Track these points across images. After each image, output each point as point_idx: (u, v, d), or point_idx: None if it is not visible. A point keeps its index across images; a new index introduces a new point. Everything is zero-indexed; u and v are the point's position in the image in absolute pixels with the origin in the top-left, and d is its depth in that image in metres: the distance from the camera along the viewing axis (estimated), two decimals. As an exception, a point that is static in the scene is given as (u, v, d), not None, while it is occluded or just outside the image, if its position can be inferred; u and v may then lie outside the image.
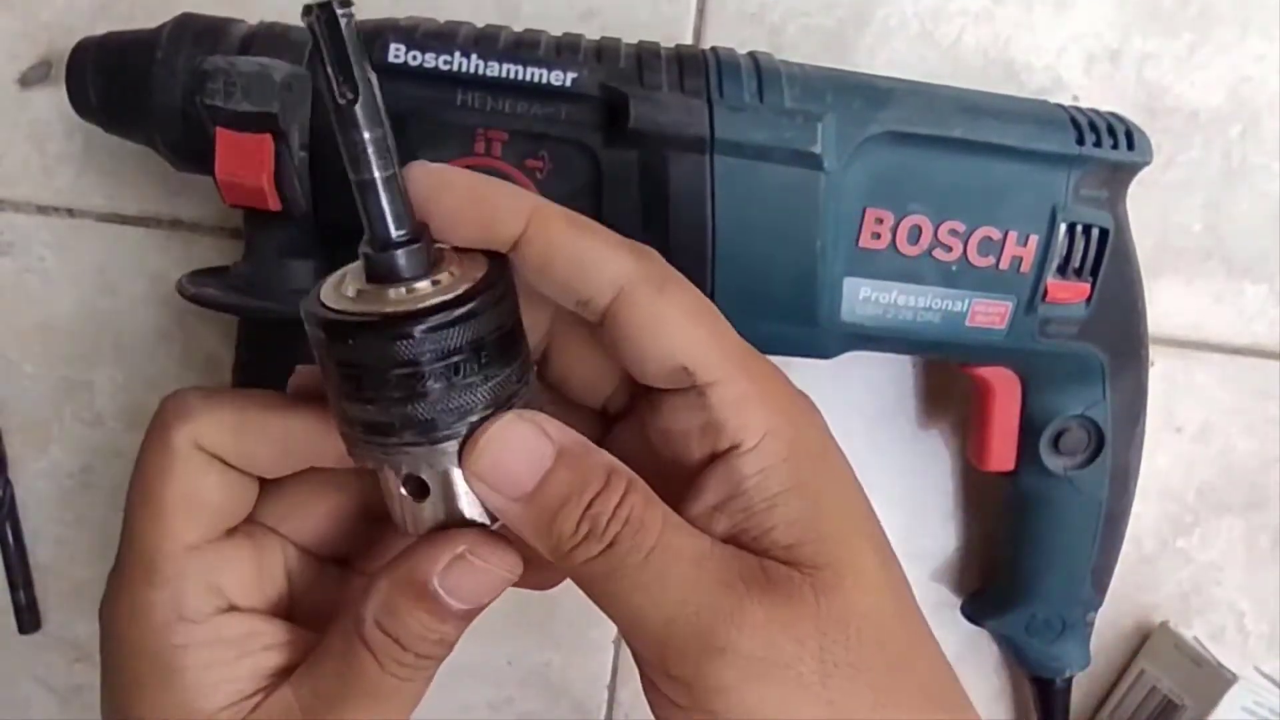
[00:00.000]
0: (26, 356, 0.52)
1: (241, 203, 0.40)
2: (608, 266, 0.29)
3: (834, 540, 0.30)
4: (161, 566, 0.30)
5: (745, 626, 0.28)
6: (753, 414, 0.30)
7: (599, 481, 0.28)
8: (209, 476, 0.31)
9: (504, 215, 0.29)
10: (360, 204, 0.27)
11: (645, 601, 0.28)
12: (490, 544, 0.30)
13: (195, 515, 0.31)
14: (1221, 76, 0.53)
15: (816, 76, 0.43)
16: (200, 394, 0.32)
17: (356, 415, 0.28)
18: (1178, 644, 0.57)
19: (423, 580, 0.30)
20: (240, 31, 0.41)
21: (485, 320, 0.28)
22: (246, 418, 0.31)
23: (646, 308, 0.30)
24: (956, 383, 0.54)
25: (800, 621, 0.28)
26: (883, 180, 0.43)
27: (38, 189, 0.50)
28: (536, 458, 0.29)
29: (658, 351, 0.30)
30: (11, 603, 0.54)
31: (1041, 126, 0.44)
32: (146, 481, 0.31)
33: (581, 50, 0.41)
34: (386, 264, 0.27)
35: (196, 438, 0.31)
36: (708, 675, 0.27)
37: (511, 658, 0.58)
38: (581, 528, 0.28)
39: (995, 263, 0.44)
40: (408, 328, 0.27)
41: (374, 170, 0.27)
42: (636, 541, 0.28)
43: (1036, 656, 0.55)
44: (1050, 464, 0.50)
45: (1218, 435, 0.57)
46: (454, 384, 0.27)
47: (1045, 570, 0.52)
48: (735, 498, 0.30)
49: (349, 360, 0.27)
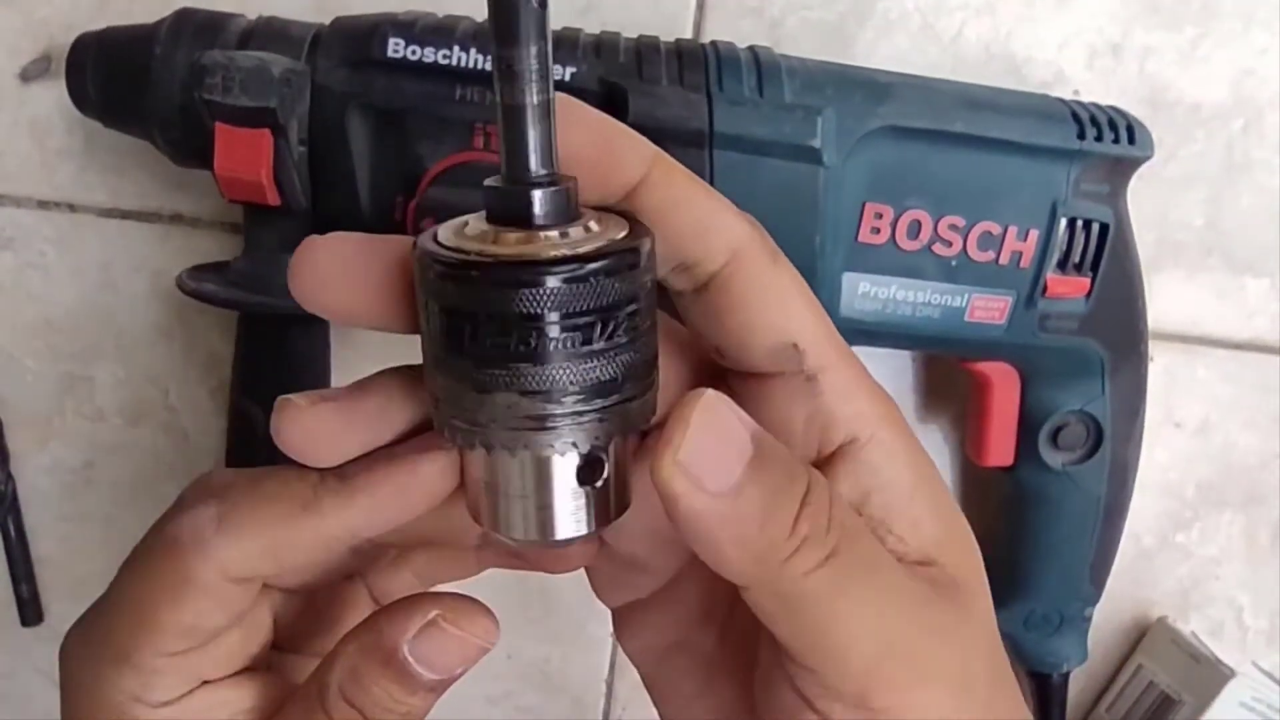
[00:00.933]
0: (28, 351, 0.52)
1: (241, 198, 0.40)
2: (727, 228, 0.26)
3: (962, 530, 0.28)
4: (137, 661, 0.27)
5: (948, 648, 0.25)
6: (864, 402, 0.27)
7: (803, 475, 0.25)
8: (224, 610, 0.28)
9: (629, 158, 0.26)
10: (501, 133, 0.23)
11: (861, 625, 0.24)
12: (466, 609, 0.27)
13: (194, 638, 0.28)
14: (1224, 70, 0.53)
15: (817, 71, 0.43)
16: (223, 513, 0.27)
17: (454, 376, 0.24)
18: (1175, 639, 0.57)
19: (391, 647, 0.27)
20: (239, 26, 0.41)
21: (626, 285, 0.23)
22: (286, 535, 0.27)
23: (762, 277, 0.26)
24: (956, 378, 0.54)
25: (975, 633, 0.26)
26: (882, 175, 0.43)
27: (38, 184, 0.50)
28: (740, 445, 0.24)
29: (769, 325, 0.26)
30: (14, 596, 0.54)
31: (1042, 121, 0.44)
32: (150, 597, 0.27)
33: (580, 44, 0.41)
34: (527, 203, 0.23)
35: (224, 571, 0.27)
36: (919, 704, 0.25)
37: (510, 652, 0.58)
38: (800, 528, 0.24)
39: (995, 258, 0.44)
40: (542, 273, 0.22)
41: (528, 94, 0.22)
42: (858, 553, 0.25)
43: (1034, 651, 0.55)
44: (1049, 459, 0.50)
45: (1218, 431, 0.57)
46: (577, 350, 0.23)
47: (1043, 565, 0.52)
48: (874, 494, 0.26)
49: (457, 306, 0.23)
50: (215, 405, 0.53)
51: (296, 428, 0.26)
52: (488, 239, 0.23)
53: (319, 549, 0.27)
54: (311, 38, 0.41)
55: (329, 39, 0.41)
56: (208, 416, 0.53)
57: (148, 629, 0.27)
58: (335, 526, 0.27)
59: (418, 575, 0.34)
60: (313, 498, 0.27)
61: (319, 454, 0.26)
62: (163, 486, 0.54)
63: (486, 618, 0.28)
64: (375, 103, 0.40)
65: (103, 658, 0.28)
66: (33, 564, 0.55)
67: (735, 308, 0.26)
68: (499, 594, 0.56)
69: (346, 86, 0.40)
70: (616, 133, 0.26)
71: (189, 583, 0.27)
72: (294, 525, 0.27)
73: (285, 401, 0.26)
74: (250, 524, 0.27)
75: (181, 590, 0.27)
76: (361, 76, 0.40)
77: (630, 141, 0.26)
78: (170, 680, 0.28)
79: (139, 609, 0.27)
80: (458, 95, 0.40)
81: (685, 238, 0.26)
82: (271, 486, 0.27)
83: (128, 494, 0.54)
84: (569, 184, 0.24)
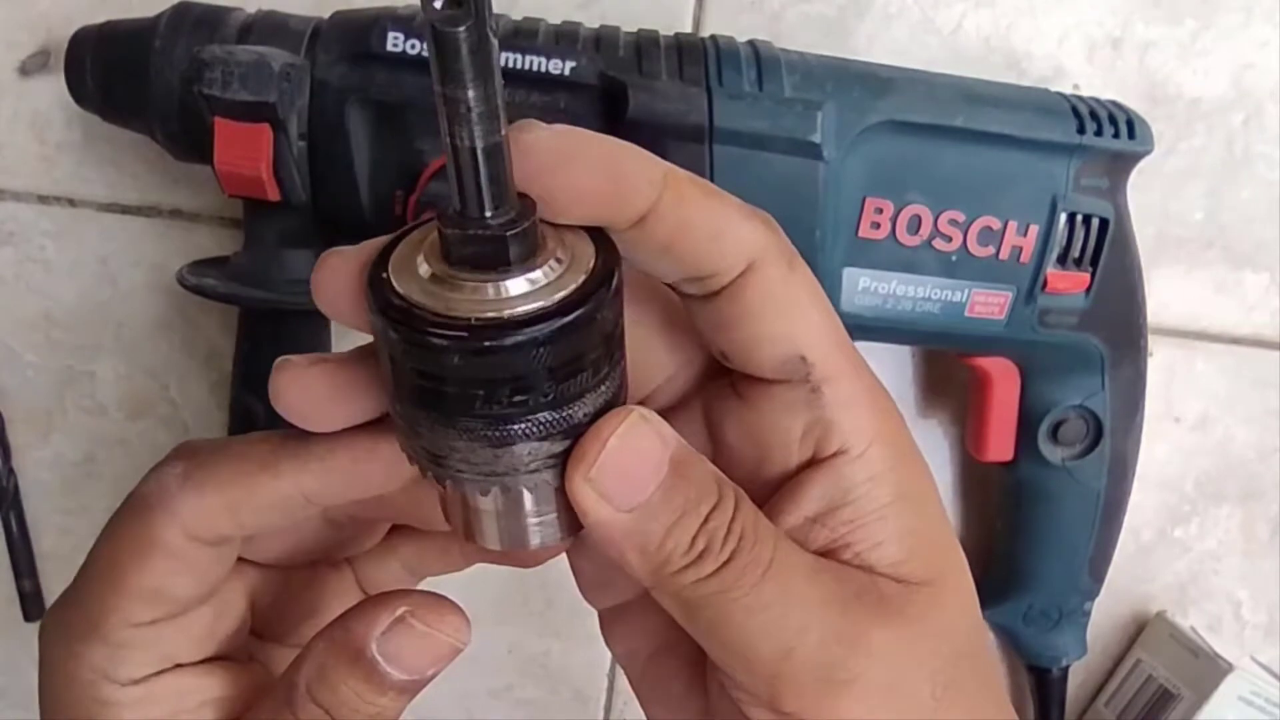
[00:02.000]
0: (28, 346, 0.52)
1: (241, 193, 0.40)
2: (741, 240, 0.25)
3: (938, 552, 0.27)
4: (106, 632, 0.27)
5: (873, 654, 0.25)
6: (863, 416, 0.27)
7: (712, 494, 0.25)
8: (190, 574, 0.27)
9: (638, 186, 0.24)
10: (452, 175, 0.22)
11: (760, 627, 0.25)
12: (436, 607, 0.27)
13: (161, 604, 0.27)
14: (1224, 64, 0.53)
15: (816, 65, 0.43)
16: (188, 471, 0.27)
17: (428, 433, 0.23)
18: (1174, 634, 0.57)
19: (359, 645, 0.26)
20: (238, 20, 0.41)
21: (603, 322, 0.23)
22: (244, 493, 0.27)
23: (775, 288, 0.26)
24: (955, 373, 0.54)
25: (920, 643, 0.26)
26: (882, 169, 0.43)
27: (38, 179, 0.50)
28: (654, 465, 0.25)
29: (778, 335, 0.26)
30: (17, 591, 0.54)
31: (1042, 115, 0.44)
32: (118, 560, 0.27)
33: (580, 39, 0.41)
34: (480, 250, 0.22)
35: (186, 528, 0.26)
36: (829, 709, 0.25)
37: (511, 646, 0.58)
38: (697, 544, 0.25)
39: (995, 253, 0.44)
40: (518, 336, 0.21)
41: (478, 137, 0.21)
42: (754, 557, 0.25)
43: (1033, 645, 0.55)
44: (1049, 454, 0.50)
45: (1217, 425, 0.57)
46: (561, 396, 0.23)
47: (1043, 560, 0.52)
48: (841, 508, 0.26)
49: (434, 373, 0.22)
50: (216, 399, 0.53)
51: (294, 387, 0.25)
52: (439, 283, 0.22)
53: (276, 510, 0.27)
54: (310, 32, 0.41)
55: (328, 33, 0.41)
56: (208, 410, 0.53)
57: (115, 594, 0.27)
58: (289, 486, 0.26)
59: (406, 566, 0.34)
60: (272, 458, 0.26)
61: (314, 416, 0.26)
62: (163, 480, 0.54)
63: (457, 615, 0.27)
64: (375, 97, 0.40)
65: (73, 633, 0.27)
66: (35, 558, 0.55)
67: (745, 318, 0.26)
68: (499, 588, 0.57)
69: (346, 81, 0.40)
70: (624, 161, 0.24)
71: (154, 543, 0.26)
72: (252, 483, 0.26)
73: (284, 361, 0.26)
74: (211, 481, 0.26)
75: (147, 551, 0.26)
76: (361, 71, 0.40)
77: (638, 166, 0.25)
78: (139, 655, 0.27)
79: (107, 573, 0.27)
80: (457, 90, 0.40)
81: (698, 254, 0.25)
82: (237, 447, 0.27)
83: (128, 487, 0.54)
84: (526, 224, 0.22)
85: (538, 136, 0.23)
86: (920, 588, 0.26)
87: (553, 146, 0.23)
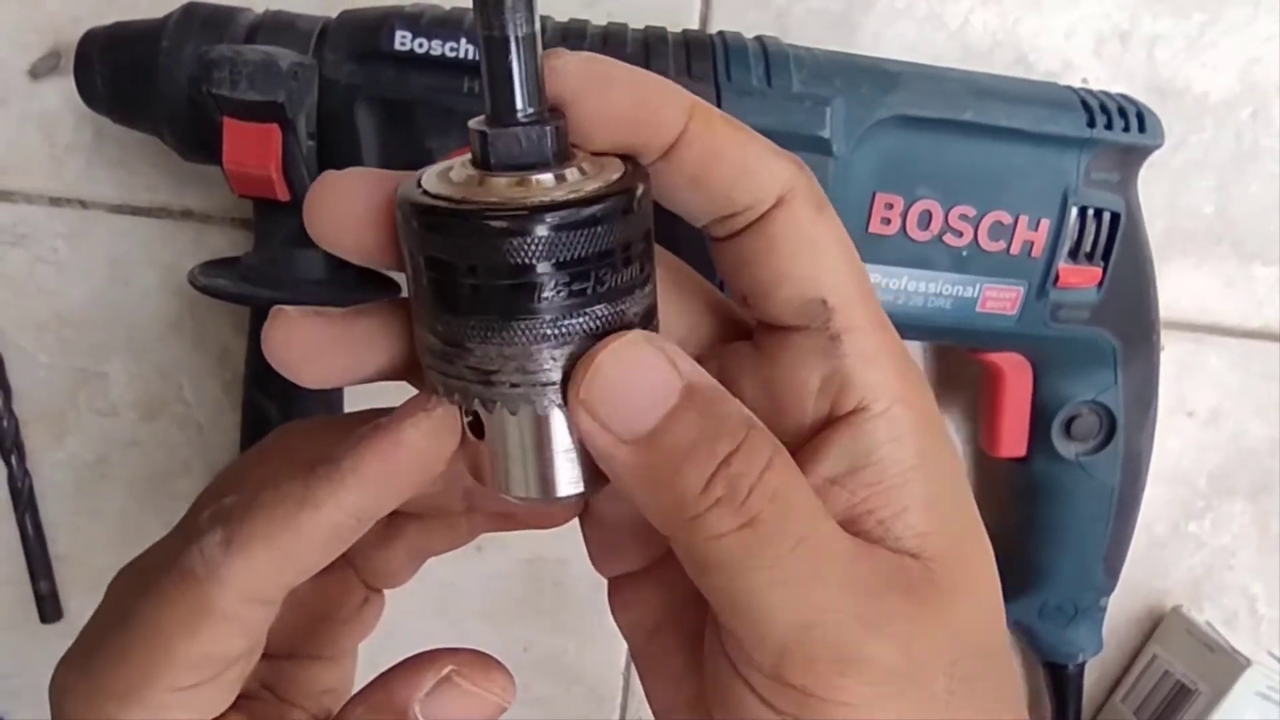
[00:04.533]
0: (41, 347, 0.52)
1: (251, 193, 0.40)
2: (772, 174, 0.25)
3: (963, 528, 0.26)
4: (146, 696, 0.26)
5: (891, 638, 0.24)
6: (886, 373, 0.25)
7: (736, 434, 0.23)
8: (244, 635, 0.26)
9: (667, 113, 0.24)
10: (485, 69, 0.22)
11: (781, 601, 0.23)
12: (483, 665, 0.26)
13: (209, 668, 0.26)
14: (1232, 58, 0.53)
15: (825, 60, 0.43)
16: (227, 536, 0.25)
17: (447, 333, 0.23)
18: (1190, 629, 0.57)
19: (401, 706, 0.25)
20: (246, 20, 0.41)
21: (643, 216, 0.23)
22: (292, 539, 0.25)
23: (801, 226, 0.25)
24: (966, 369, 0.54)
25: (938, 631, 0.24)
26: (892, 165, 0.43)
27: (49, 180, 0.50)
28: (661, 391, 0.23)
29: (800, 277, 0.25)
30: (33, 593, 0.55)
31: (1052, 109, 0.43)
32: (164, 630, 0.26)
33: (588, 36, 0.41)
34: (510, 145, 0.22)
35: (242, 593, 0.25)
36: (838, 689, 0.23)
37: (527, 644, 0.58)
38: (714, 487, 0.23)
39: (1006, 247, 0.44)
40: (535, 222, 0.21)
41: (511, 25, 0.21)
42: (785, 526, 0.23)
43: (1049, 642, 0.55)
44: (1062, 450, 0.50)
45: (1229, 419, 0.57)
46: (573, 302, 0.22)
47: (1058, 556, 0.52)
48: (863, 469, 0.25)
49: (492, 265, 0.22)
50: (228, 399, 0.53)
51: (283, 336, 0.25)
52: (475, 183, 0.22)
53: (325, 542, 0.26)
54: (318, 31, 0.41)
55: (336, 32, 0.41)
56: (221, 410, 0.54)
57: (163, 663, 0.26)
58: (335, 513, 0.25)
59: (409, 550, 0.33)
60: (306, 492, 0.25)
61: (302, 367, 0.25)
62: (177, 480, 0.54)
63: (503, 674, 0.27)
64: (383, 96, 0.40)
65: (106, 695, 0.26)
66: (50, 560, 0.55)
67: (768, 256, 0.25)
68: (515, 585, 0.57)
69: (354, 80, 0.40)
70: (652, 88, 0.24)
71: (208, 613, 0.25)
72: (296, 525, 0.25)
73: (278, 310, 0.25)
74: (256, 539, 0.25)
75: (199, 621, 0.25)
76: (369, 70, 0.40)
77: (666, 94, 0.24)
78: (177, 716, 0.26)
79: (153, 643, 0.26)
80: (465, 88, 0.40)
81: (728, 187, 0.25)
82: (268, 494, 0.25)
83: (143, 488, 0.55)
84: (559, 122, 0.23)
85: (566, 61, 0.23)
86: (945, 568, 0.25)
87: (582, 71, 0.23)
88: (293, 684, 0.32)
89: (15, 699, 0.57)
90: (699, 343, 0.28)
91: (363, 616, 0.33)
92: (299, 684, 0.32)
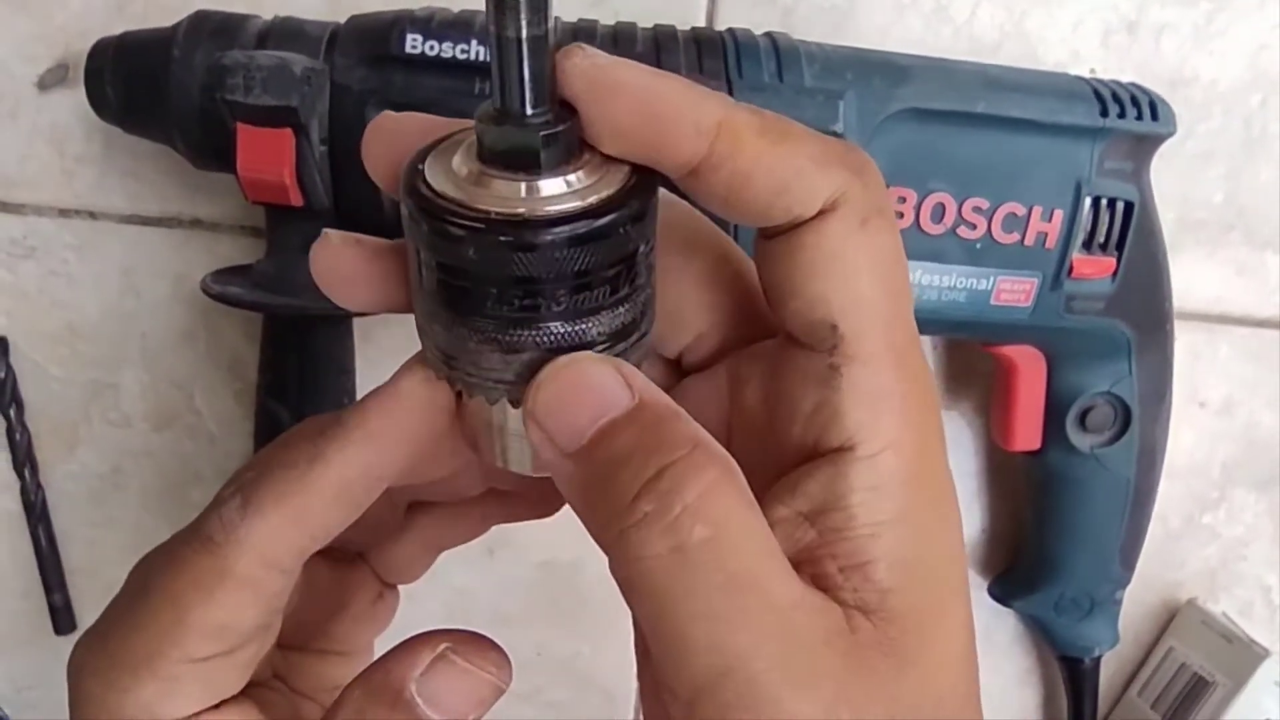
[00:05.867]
0: (53, 359, 0.52)
1: (264, 199, 0.40)
2: (817, 188, 0.23)
3: (932, 592, 0.24)
4: (159, 667, 0.26)
5: (816, 702, 0.22)
6: (883, 416, 0.24)
7: (675, 450, 0.22)
8: (259, 604, 0.26)
9: (683, 134, 0.22)
10: (494, 67, 0.22)
11: (701, 637, 0.21)
12: (477, 644, 0.26)
13: (224, 639, 0.26)
14: (1240, 46, 0.53)
15: (835, 55, 0.43)
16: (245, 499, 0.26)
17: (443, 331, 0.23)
18: (1206, 621, 0.56)
19: (398, 686, 0.25)
20: (255, 26, 0.41)
21: (622, 240, 0.22)
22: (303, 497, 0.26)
23: (833, 242, 0.23)
24: (979, 362, 0.54)
25: (873, 704, 0.22)
26: (904, 158, 0.42)
27: (59, 192, 0.50)
28: (604, 405, 0.23)
29: (813, 295, 0.24)
30: (47, 605, 0.55)
31: (1064, 99, 0.43)
32: (180, 596, 0.26)
33: (598, 36, 0.41)
34: (511, 148, 0.22)
35: (261, 555, 0.26)
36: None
37: (540, 648, 0.58)
38: (642, 502, 0.22)
39: (1020, 239, 0.44)
40: (534, 236, 0.21)
41: (522, 25, 0.21)
42: (717, 558, 0.21)
43: (1065, 636, 0.55)
44: (1077, 442, 0.50)
45: (1242, 409, 0.57)
46: (524, 316, 0.22)
47: (1073, 549, 0.52)
48: (833, 512, 0.23)
49: (451, 265, 0.22)
50: (240, 407, 0.53)
51: (327, 257, 0.26)
52: (471, 181, 0.22)
53: (335, 499, 0.26)
54: (328, 36, 0.41)
55: (346, 36, 0.41)
56: (233, 418, 0.53)
57: (178, 630, 0.26)
58: (343, 469, 0.25)
59: (422, 542, 0.33)
60: (315, 450, 0.26)
61: (345, 289, 0.26)
62: (190, 490, 0.54)
63: (498, 653, 0.27)
64: (394, 99, 0.40)
65: (120, 666, 0.26)
66: (64, 571, 0.55)
67: (788, 264, 0.24)
68: (528, 589, 0.57)
69: (365, 84, 0.40)
70: (668, 103, 0.22)
71: (225, 576, 0.25)
72: (307, 483, 0.25)
73: (325, 234, 0.26)
74: (269, 499, 0.25)
75: (216, 585, 0.26)
76: (380, 73, 0.40)
77: (685, 110, 0.22)
78: (191, 690, 0.26)
79: (167, 609, 0.26)
80: (476, 90, 0.40)
81: (763, 207, 0.23)
82: (279, 454, 0.26)
83: (155, 499, 0.55)
84: (566, 124, 0.22)
85: (576, 64, 0.22)
86: (901, 632, 0.23)
87: (591, 77, 0.22)
88: (306, 676, 0.32)
89: (32, 710, 0.57)
90: (720, 340, 0.27)
91: (377, 612, 0.34)
92: (312, 677, 0.32)
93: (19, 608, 0.55)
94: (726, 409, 0.27)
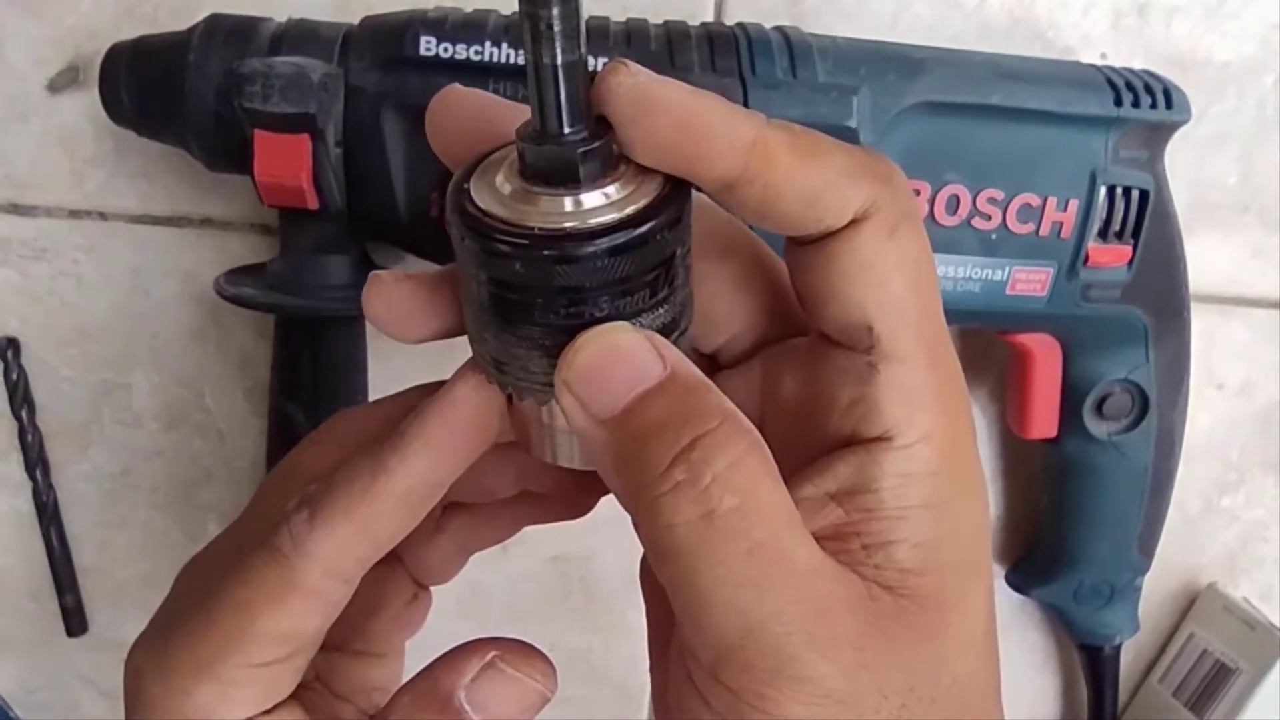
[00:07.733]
0: (64, 360, 0.52)
1: (281, 203, 0.40)
2: (847, 200, 0.24)
3: (954, 576, 0.25)
4: (221, 671, 0.27)
5: (836, 663, 0.23)
6: (918, 411, 0.25)
7: (707, 421, 0.23)
8: (323, 612, 0.27)
9: (719, 151, 0.23)
10: (531, 90, 0.23)
11: (726, 602, 0.23)
12: (525, 652, 0.27)
13: (288, 645, 0.27)
14: (1252, 26, 0.52)
15: (848, 49, 0.42)
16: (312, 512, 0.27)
17: (493, 339, 0.25)
18: (1227, 606, 0.56)
19: (447, 693, 0.26)
20: (269, 30, 0.41)
21: (660, 245, 0.23)
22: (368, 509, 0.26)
23: (866, 249, 0.24)
24: (993, 350, 0.54)
25: (892, 671, 0.24)
26: (919, 151, 0.42)
27: (69, 193, 0.50)
28: (638, 375, 0.23)
29: (849, 300, 0.25)
30: (59, 607, 0.55)
31: (1078, 89, 0.43)
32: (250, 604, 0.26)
33: (611, 34, 0.41)
34: (551, 165, 0.23)
35: (328, 568, 0.26)
36: (772, 701, 0.23)
37: (553, 643, 0.57)
38: (675, 470, 0.23)
39: (1035, 229, 0.44)
40: (576, 249, 0.22)
41: (555, 53, 0.22)
42: (744, 526, 0.22)
43: (1085, 624, 0.55)
44: (1094, 429, 0.50)
45: (1259, 391, 0.57)
46: (571, 323, 0.23)
47: (1092, 537, 0.52)
48: (862, 494, 0.25)
49: (499, 279, 0.23)
50: (251, 406, 0.53)
51: (380, 298, 0.26)
52: (525, 200, 0.23)
53: (398, 509, 0.27)
54: (342, 39, 0.41)
55: (360, 39, 0.41)
56: (243, 418, 0.53)
57: (244, 638, 0.26)
58: (406, 479, 0.26)
59: (456, 543, 0.33)
60: (376, 463, 0.26)
61: (400, 326, 0.27)
62: (201, 489, 0.54)
63: (545, 663, 0.28)
64: (409, 102, 0.40)
65: (182, 669, 0.27)
66: (76, 573, 0.55)
67: (823, 271, 0.25)
68: (540, 584, 0.57)
69: (380, 87, 0.40)
70: (706, 121, 0.23)
71: (294, 587, 0.26)
72: (372, 495, 0.26)
73: (374, 276, 0.27)
74: (337, 512, 0.26)
75: (286, 595, 0.26)
76: (394, 76, 0.40)
77: (721, 128, 0.23)
78: (249, 694, 0.27)
79: (237, 618, 0.27)
80: (491, 90, 0.40)
81: (796, 220, 0.24)
82: (343, 471, 0.27)
83: (166, 498, 0.55)
84: (602, 140, 0.23)
85: (617, 82, 0.23)
86: (921, 609, 0.24)
87: (632, 96, 0.23)
88: (344, 678, 0.32)
89: (43, 712, 0.57)
90: (753, 339, 0.28)
91: (411, 613, 0.34)
92: (349, 679, 0.33)
93: (31, 610, 0.55)
94: (759, 400, 0.28)
